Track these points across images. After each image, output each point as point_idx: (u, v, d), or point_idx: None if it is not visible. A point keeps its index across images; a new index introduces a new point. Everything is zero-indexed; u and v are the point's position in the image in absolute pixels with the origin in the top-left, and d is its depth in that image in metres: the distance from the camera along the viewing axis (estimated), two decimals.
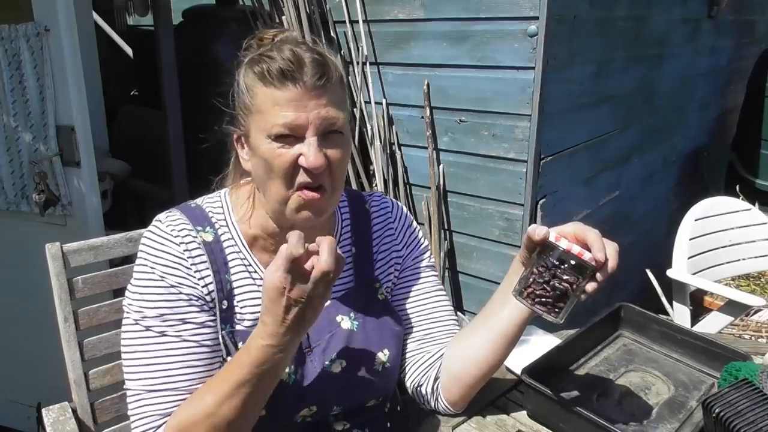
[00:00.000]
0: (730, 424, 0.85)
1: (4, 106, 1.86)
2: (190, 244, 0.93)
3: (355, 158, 2.19)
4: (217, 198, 1.02)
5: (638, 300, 1.60)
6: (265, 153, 0.88)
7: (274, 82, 0.87)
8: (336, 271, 0.78)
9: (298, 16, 2.14)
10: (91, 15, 2.37)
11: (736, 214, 2.45)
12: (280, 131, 0.87)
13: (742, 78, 3.88)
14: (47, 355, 1.49)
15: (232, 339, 0.93)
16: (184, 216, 0.96)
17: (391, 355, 1.02)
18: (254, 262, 0.98)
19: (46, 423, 1.13)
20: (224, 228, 0.98)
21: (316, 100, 0.88)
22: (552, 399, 0.99)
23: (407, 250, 1.12)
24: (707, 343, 1.15)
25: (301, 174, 0.89)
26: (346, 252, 1.05)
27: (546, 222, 2.04)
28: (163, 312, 0.90)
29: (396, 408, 1.11)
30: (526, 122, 1.90)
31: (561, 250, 0.87)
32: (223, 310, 0.93)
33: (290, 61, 0.87)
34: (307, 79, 0.87)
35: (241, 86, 0.93)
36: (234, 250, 0.97)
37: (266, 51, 0.91)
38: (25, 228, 1.98)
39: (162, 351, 0.90)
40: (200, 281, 0.92)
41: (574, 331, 1.21)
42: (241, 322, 0.95)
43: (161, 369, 0.90)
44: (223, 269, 0.94)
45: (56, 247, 1.14)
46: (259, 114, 0.89)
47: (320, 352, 0.97)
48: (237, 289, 0.95)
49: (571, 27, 1.96)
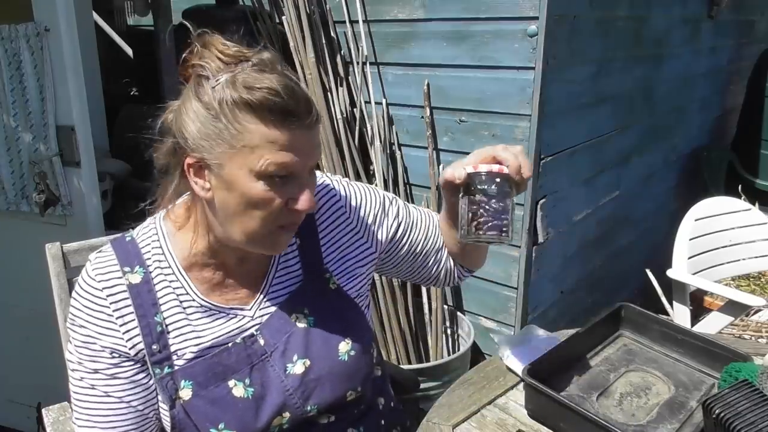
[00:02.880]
0: (730, 425, 0.85)
1: (4, 106, 1.86)
2: (114, 287, 0.91)
3: (355, 158, 2.19)
4: (152, 226, 0.97)
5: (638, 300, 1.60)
6: (249, 192, 0.83)
7: (274, 120, 0.80)
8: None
9: (298, 16, 2.14)
10: (91, 15, 2.37)
11: (736, 214, 2.45)
12: (275, 171, 0.82)
13: (742, 78, 3.88)
14: (47, 355, 1.49)
15: (169, 382, 0.91)
16: (114, 255, 0.93)
17: (354, 342, 1.00)
18: (191, 290, 0.94)
19: (46, 423, 1.14)
20: (159, 258, 0.94)
21: (311, 142, 0.85)
22: (552, 399, 0.99)
23: (375, 229, 1.08)
24: (708, 343, 1.15)
25: (287, 215, 0.86)
26: (292, 245, 1.01)
27: (546, 222, 2.04)
28: (93, 366, 0.91)
29: (390, 405, 1.11)
30: (526, 122, 1.90)
31: (484, 174, 0.91)
32: (154, 354, 0.90)
33: (290, 98, 0.80)
34: (306, 120, 0.83)
35: (215, 111, 0.81)
36: (168, 281, 0.94)
37: (252, 77, 0.81)
38: (25, 228, 1.98)
39: (94, 404, 0.92)
40: (125, 335, 0.90)
41: (575, 331, 1.21)
42: (182, 356, 0.92)
43: (94, 421, 0.92)
44: (151, 311, 0.91)
45: (56, 247, 1.14)
46: (247, 149, 0.81)
47: (279, 356, 0.95)
48: (171, 325, 0.92)
49: (571, 27, 1.96)
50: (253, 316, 0.97)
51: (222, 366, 0.92)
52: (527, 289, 2.07)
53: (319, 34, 2.19)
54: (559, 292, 2.33)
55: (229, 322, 0.96)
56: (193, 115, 0.83)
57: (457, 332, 2.27)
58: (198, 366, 0.91)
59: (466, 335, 2.19)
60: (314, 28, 2.17)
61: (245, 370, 0.93)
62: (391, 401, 1.13)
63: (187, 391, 0.91)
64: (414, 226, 1.13)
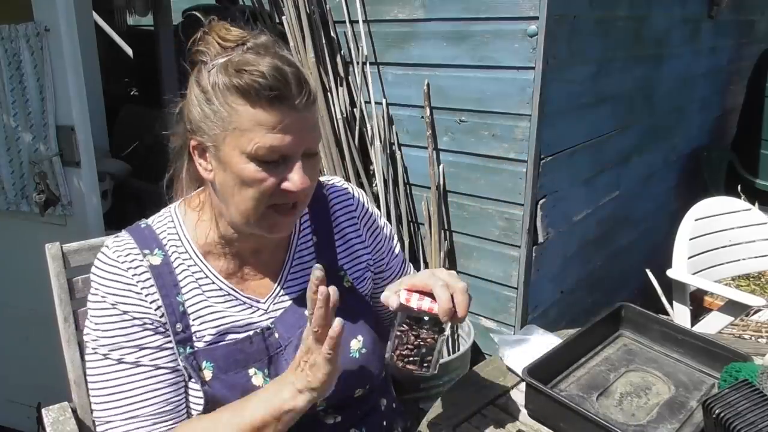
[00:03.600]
0: (730, 425, 0.85)
1: (4, 106, 1.86)
2: (138, 268, 0.91)
3: (355, 158, 2.19)
4: (167, 214, 0.99)
5: (638, 300, 1.60)
6: (241, 172, 0.85)
7: (261, 102, 0.82)
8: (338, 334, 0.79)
9: (298, 16, 2.14)
10: (91, 15, 2.37)
11: (736, 214, 2.45)
12: (265, 154, 0.83)
13: (742, 78, 3.88)
14: (47, 355, 1.49)
15: (193, 362, 0.92)
16: (132, 239, 0.94)
17: (366, 340, 1.01)
18: (210, 273, 0.96)
19: (46, 423, 1.13)
20: (176, 244, 0.95)
21: (303, 123, 0.85)
22: (552, 399, 0.99)
23: (372, 244, 1.11)
24: (708, 343, 1.15)
25: (280, 196, 0.87)
26: (308, 241, 1.04)
27: (546, 222, 2.04)
28: (118, 340, 0.89)
29: (392, 405, 1.11)
30: (526, 122, 1.90)
31: (414, 310, 0.89)
32: (178, 333, 0.91)
33: (278, 80, 0.81)
34: (296, 101, 0.83)
35: (209, 94, 0.85)
36: (186, 266, 0.95)
37: (243, 61, 0.83)
38: (25, 228, 1.98)
39: (122, 379, 0.90)
40: (152, 304, 0.90)
41: (575, 331, 1.21)
42: (201, 339, 0.93)
43: (122, 397, 0.89)
44: (173, 292, 0.92)
45: (56, 247, 1.14)
46: (238, 131, 0.83)
47: (293, 350, 0.95)
48: (191, 307, 0.93)
49: (571, 27, 1.96)
50: (267, 310, 0.98)
51: (244, 354, 0.93)
52: (527, 289, 2.07)
53: (319, 34, 2.19)
54: (559, 292, 2.33)
55: (245, 311, 0.97)
56: (194, 99, 0.88)
57: (457, 332, 2.27)
58: (220, 350, 0.92)
59: (466, 335, 2.19)
60: (314, 28, 2.17)
61: (264, 360, 0.94)
62: (393, 402, 1.13)
63: (208, 372, 0.92)
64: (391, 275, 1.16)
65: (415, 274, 0.94)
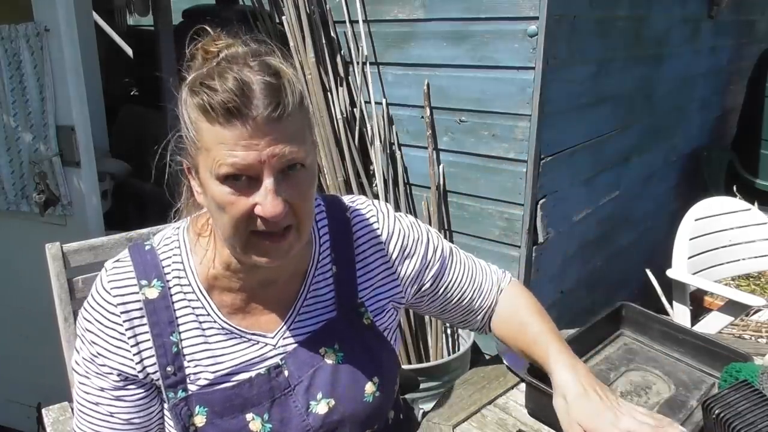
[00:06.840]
0: (730, 425, 0.85)
1: (4, 106, 1.86)
2: (130, 304, 0.87)
3: (355, 158, 2.19)
4: (175, 237, 0.93)
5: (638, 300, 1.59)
6: (215, 195, 0.78)
7: (218, 119, 0.74)
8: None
9: (298, 16, 2.14)
10: (91, 15, 2.36)
11: (735, 214, 2.45)
12: (229, 172, 0.76)
13: (742, 78, 3.88)
14: (47, 355, 1.49)
15: (183, 409, 0.87)
16: (132, 265, 0.89)
17: (380, 382, 0.95)
18: (212, 310, 0.90)
19: (46, 423, 1.14)
20: (180, 275, 0.90)
21: (269, 137, 0.75)
22: (552, 398, 0.99)
23: (410, 270, 1.02)
24: (708, 342, 1.15)
25: (257, 220, 0.79)
26: (326, 272, 0.96)
27: (546, 222, 2.04)
28: (102, 385, 0.89)
29: (399, 417, 1.09)
30: (526, 122, 1.90)
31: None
32: (168, 376, 0.87)
33: (235, 93, 0.73)
34: (257, 113, 0.74)
35: (183, 116, 0.80)
36: (188, 300, 0.89)
37: (206, 77, 0.76)
38: (25, 228, 1.98)
39: (95, 419, 0.90)
40: (135, 356, 0.87)
41: (575, 330, 1.21)
42: (195, 381, 0.88)
43: (89, 419, 0.90)
44: (167, 330, 0.87)
45: (56, 247, 1.14)
46: (205, 151, 0.77)
47: (303, 392, 0.90)
48: (187, 348, 0.88)
49: (571, 27, 1.96)
50: (276, 345, 0.92)
51: (242, 398, 0.88)
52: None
53: (319, 34, 2.19)
54: (559, 292, 2.33)
55: (250, 349, 0.91)
56: (179, 117, 0.83)
57: (457, 332, 2.27)
58: (217, 394, 0.88)
59: (466, 335, 2.19)
60: (314, 28, 2.17)
61: (265, 405, 0.89)
62: (401, 413, 1.10)
63: (201, 418, 0.87)
64: (453, 281, 1.08)
65: (582, 403, 0.89)
